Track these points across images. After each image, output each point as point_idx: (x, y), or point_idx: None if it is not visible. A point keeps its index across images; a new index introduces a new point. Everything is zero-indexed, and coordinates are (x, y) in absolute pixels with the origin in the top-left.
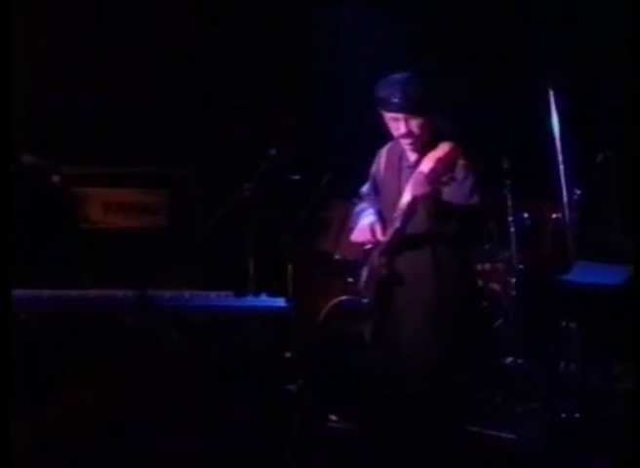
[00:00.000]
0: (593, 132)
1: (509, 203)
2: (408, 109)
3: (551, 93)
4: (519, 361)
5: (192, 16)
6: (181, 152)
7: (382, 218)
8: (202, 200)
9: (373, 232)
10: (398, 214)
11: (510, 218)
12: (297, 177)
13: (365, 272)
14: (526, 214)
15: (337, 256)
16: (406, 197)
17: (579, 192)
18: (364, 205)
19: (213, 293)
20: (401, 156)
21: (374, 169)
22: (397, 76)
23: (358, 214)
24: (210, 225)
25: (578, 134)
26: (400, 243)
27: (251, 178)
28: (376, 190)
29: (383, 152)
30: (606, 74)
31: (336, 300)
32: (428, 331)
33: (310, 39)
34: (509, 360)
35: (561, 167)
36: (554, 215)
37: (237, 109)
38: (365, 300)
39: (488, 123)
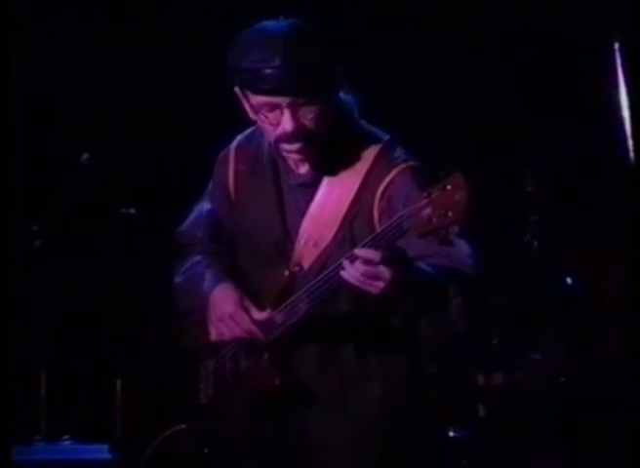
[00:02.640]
0: None
1: (537, 258)
2: (299, 88)
3: (616, 48)
4: None
5: None
6: None
7: (242, 281)
8: None
9: (246, 314)
10: (309, 290)
11: (540, 286)
12: (132, 211)
13: (209, 377)
14: (569, 280)
15: None
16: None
17: None
18: (195, 259)
19: None
20: (276, 164)
21: (215, 188)
22: (273, 25)
23: (192, 283)
24: None
25: None
26: (301, 329)
27: (43, 213)
28: (218, 228)
29: (231, 156)
30: None
31: (170, 431)
32: None
33: None
34: None
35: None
36: (621, 281)
37: None
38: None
39: (497, 111)
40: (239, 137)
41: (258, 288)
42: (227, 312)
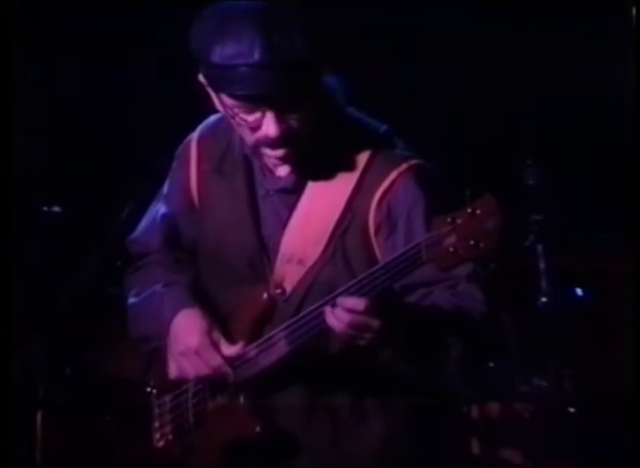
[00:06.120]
0: None
1: (542, 265)
2: (286, 89)
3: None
4: None
5: None
6: None
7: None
8: None
9: (215, 350)
10: (291, 326)
11: (544, 299)
12: (57, 209)
13: (166, 416)
14: (580, 291)
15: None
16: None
17: None
18: (152, 275)
19: None
20: (249, 162)
21: (172, 190)
22: (242, 5)
23: (148, 305)
24: None
25: None
26: (283, 365)
27: None
28: (177, 235)
29: (192, 151)
30: None
31: None
32: None
33: None
34: None
35: None
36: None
37: None
38: None
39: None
40: (202, 127)
41: (225, 312)
42: (192, 346)
